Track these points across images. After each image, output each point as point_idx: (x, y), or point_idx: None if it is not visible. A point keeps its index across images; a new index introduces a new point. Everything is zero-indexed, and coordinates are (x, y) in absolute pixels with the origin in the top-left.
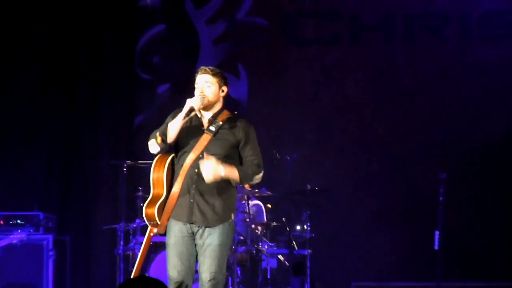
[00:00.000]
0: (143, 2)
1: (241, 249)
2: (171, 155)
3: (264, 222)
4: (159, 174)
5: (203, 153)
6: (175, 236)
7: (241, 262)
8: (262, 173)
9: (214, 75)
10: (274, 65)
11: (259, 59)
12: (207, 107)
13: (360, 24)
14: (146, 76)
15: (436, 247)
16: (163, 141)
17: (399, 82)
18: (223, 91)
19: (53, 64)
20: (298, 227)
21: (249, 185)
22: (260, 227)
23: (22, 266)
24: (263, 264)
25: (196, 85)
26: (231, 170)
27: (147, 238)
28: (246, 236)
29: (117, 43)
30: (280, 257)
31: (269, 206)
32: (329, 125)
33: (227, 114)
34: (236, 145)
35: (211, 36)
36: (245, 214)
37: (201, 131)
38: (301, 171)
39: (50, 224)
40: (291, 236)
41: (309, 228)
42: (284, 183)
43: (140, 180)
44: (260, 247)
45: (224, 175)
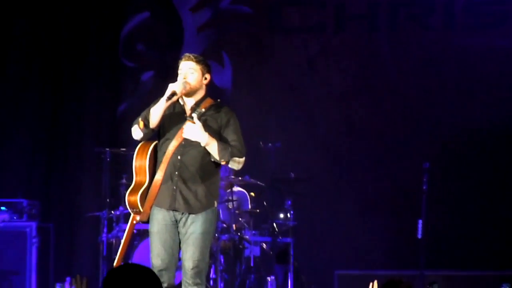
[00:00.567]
0: None
1: (224, 237)
2: (154, 142)
3: (247, 210)
4: (141, 161)
5: (185, 140)
6: (158, 224)
7: (224, 250)
8: (243, 159)
9: (198, 62)
10: (258, 53)
11: (243, 47)
12: (190, 94)
13: (344, 13)
14: (130, 63)
15: (420, 236)
16: (146, 126)
17: (383, 71)
18: (206, 78)
19: (37, 51)
20: (282, 215)
21: (227, 165)
22: (243, 215)
23: (5, 253)
24: (246, 252)
25: (179, 71)
26: (213, 142)
27: (129, 225)
28: (229, 224)
29: (101, 30)
30: (263, 245)
31: (253, 194)
32: (313, 114)
33: (209, 101)
34: (218, 132)
35: (195, 23)
36: (228, 202)
37: (183, 118)
38: (285, 160)
39: (33, 211)
40: (274, 224)
41: (292, 217)
42: (268, 171)
43: (123, 168)
44: (243, 235)
45: (206, 141)
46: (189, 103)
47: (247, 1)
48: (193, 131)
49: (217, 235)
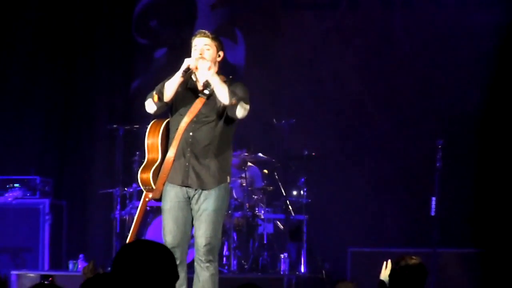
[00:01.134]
0: None
1: (237, 214)
2: (166, 120)
3: (261, 187)
4: (153, 139)
5: (197, 116)
6: (170, 201)
7: (238, 227)
8: (248, 106)
9: (213, 39)
10: (272, 29)
11: (256, 24)
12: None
13: None
14: (143, 40)
15: (433, 213)
16: (160, 99)
17: (397, 48)
18: (219, 55)
19: (50, 28)
20: (295, 193)
21: (233, 107)
22: (256, 192)
23: (18, 230)
24: (260, 229)
25: (194, 47)
26: (223, 83)
27: (142, 203)
28: (242, 201)
29: (114, 7)
30: (276, 223)
31: (266, 171)
32: (326, 91)
33: (222, 78)
34: None
35: (208, 0)
36: (242, 179)
37: (196, 95)
38: (298, 137)
39: (46, 188)
40: (287, 202)
41: (305, 194)
42: (281, 148)
43: (136, 145)
44: (257, 212)
45: (216, 78)
46: (202, 79)
47: None
48: (206, 65)
49: (230, 212)
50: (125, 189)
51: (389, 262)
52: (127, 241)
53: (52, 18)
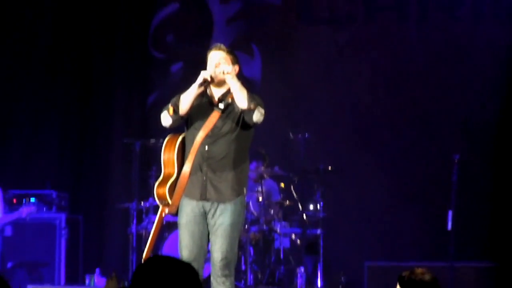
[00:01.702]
0: None
1: (254, 228)
2: (182, 135)
3: (277, 201)
4: (169, 154)
5: (212, 131)
6: (187, 216)
7: (254, 242)
8: (263, 111)
9: (228, 52)
10: (288, 44)
11: (272, 38)
12: (218, 84)
13: (374, 3)
14: (160, 55)
15: (449, 227)
16: (175, 112)
17: (413, 62)
18: (235, 69)
19: (67, 42)
20: (311, 207)
21: (252, 111)
22: (273, 206)
23: (35, 245)
24: (276, 244)
25: (209, 61)
26: (243, 87)
27: (158, 218)
28: (259, 215)
29: (131, 21)
30: (293, 237)
31: (282, 185)
32: (342, 105)
33: None
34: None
35: (225, 15)
36: (258, 193)
37: (211, 109)
38: (314, 151)
39: (63, 203)
40: (304, 216)
41: (322, 208)
42: (297, 162)
43: (153, 159)
44: (273, 226)
45: (235, 81)
46: (216, 94)
47: None
48: (227, 68)
49: (246, 226)
50: (141, 203)
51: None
52: (144, 255)
53: (69, 33)
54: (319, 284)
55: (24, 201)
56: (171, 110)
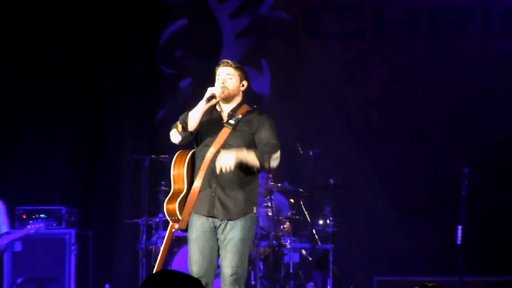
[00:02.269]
0: None
1: (263, 243)
2: (191, 150)
3: (287, 216)
4: (179, 170)
5: (223, 147)
6: (196, 231)
7: (264, 257)
8: (279, 153)
9: (236, 68)
10: (297, 59)
11: (281, 54)
12: (227, 100)
13: (383, 19)
14: (169, 70)
15: (459, 242)
16: (184, 129)
17: (422, 77)
18: (243, 85)
19: (76, 59)
20: (321, 222)
21: (269, 167)
22: (283, 221)
23: (44, 260)
24: (286, 259)
25: (217, 77)
26: (248, 153)
27: (168, 234)
28: (268, 230)
29: (139, 37)
30: (302, 252)
31: (292, 200)
32: (351, 120)
33: (246, 108)
34: (251, 135)
35: (233, 30)
36: (268, 208)
37: (220, 125)
38: (324, 166)
39: (72, 218)
40: (313, 231)
41: (331, 223)
42: (307, 177)
43: (162, 175)
44: (283, 241)
45: (241, 156)
46: (226, 109)
47: (285, 8)
48: (227, 158)
49: (256, 241)
50: (151, 219)
51: None
52: (154, 271)
53: (78, 49)
54: None
55: (33, 217)
56: (179, 127)
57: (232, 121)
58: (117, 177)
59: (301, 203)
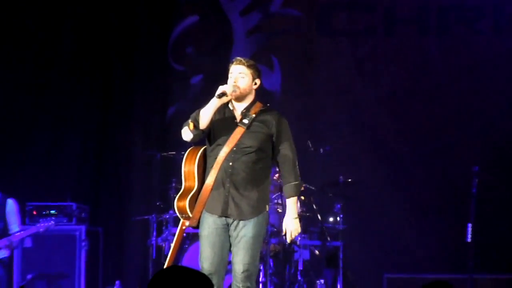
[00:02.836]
0: None
1: (274, 240)
2: (203, 147)
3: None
4: (190, 167)
5: (236, 146)
6: (208, 228)
7: (274, 254)
8: (297, 164)
9: (248, 66)
10: (308, 56)
11: (292, 51)
12: (240, 98)
13: (394, 17)
14: (179, 67)
15: (469, 240)
16: (195, 127)
17: (433, 75)
18: (256, 83)
19: (87, 55)
20: (331, 219)
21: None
22: None
23: (54, 257)
24: (296, 256)
25: (229, 75)
26: (294, 208)
27: (179, 231)
28: (279, 227)
29: (150, 34)
30: (313, 249)
31: (302, 198)
32: (362, 117)
33: (259, 106)
34: (269, 137)
35: (244, 27)
36: (278, 205)
37: (234, 124)
38: (334, 163)
39: (83, 215)
40: (323, 228)
41: (341, 220)
42: (317, 174)
43: (173, 171)
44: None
45: (295, 215)
46: (239, 108)
47: (296, 5)
48: (295, 229)
49: (266, 238)
50: (161, 215)
51: None
52: (164, 268)
53: (88, 45)
54: None
55: (44, 213)
56: (191, 125)
57: (245, 121)
58: (128, 173)
59: (311, 200)
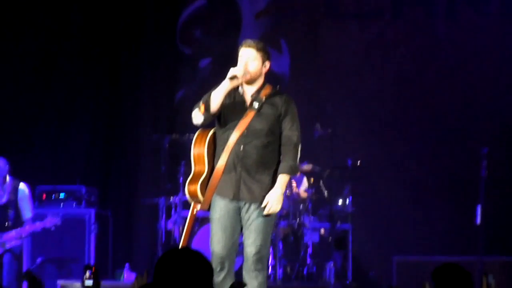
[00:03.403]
0: None
1: (283, 223)
2: (211, 130)
3: (306, 196)
4: (199, 150)
5: (247, 129)
6: (220, 210)
7: (283, 236)
8: (300, 146)
9: (258, 50)
10: (316, 39)
11: (300, 34)
12: (250, 82)
13: None
14: (188, 50)
15: (478, 222)
16: (206, 110)
17: (440, 57)
18: (265, 66)
19: (95, 39)
20: (340, 202)
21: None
22: (302, 201)
23: (64, 240)
24: (305, 239)
25: (239, 58)
26: (283, 185)
27: (190, 215)
28: (288, 210)
29: (158, 17)
30: (322, 232)
31: (312, 180)
32: (370, 99)
33: (269, 89)
34: (278, 119)
35: (253, 10)
36: (287, 188)
37: (244, 108)
38: (343, 146)
39: (92, 198)
40: (332, 210)
41: (350, 203)
42: (326, 158)
43: (181, 155)
44: (302, 221)
45: (282, 191)
46: (248, 91)
47: None
48: (276, 206)
49: (276, 221)
50: (170, 198)
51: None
52: None
53: (96, 29)
54: (348, 278)
55: (53, 197)
56: (202, 108)
57: (255, 104)
58: (137, 157)
59: (321, 183)
